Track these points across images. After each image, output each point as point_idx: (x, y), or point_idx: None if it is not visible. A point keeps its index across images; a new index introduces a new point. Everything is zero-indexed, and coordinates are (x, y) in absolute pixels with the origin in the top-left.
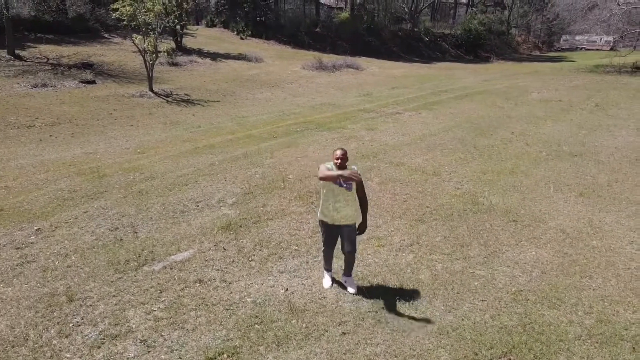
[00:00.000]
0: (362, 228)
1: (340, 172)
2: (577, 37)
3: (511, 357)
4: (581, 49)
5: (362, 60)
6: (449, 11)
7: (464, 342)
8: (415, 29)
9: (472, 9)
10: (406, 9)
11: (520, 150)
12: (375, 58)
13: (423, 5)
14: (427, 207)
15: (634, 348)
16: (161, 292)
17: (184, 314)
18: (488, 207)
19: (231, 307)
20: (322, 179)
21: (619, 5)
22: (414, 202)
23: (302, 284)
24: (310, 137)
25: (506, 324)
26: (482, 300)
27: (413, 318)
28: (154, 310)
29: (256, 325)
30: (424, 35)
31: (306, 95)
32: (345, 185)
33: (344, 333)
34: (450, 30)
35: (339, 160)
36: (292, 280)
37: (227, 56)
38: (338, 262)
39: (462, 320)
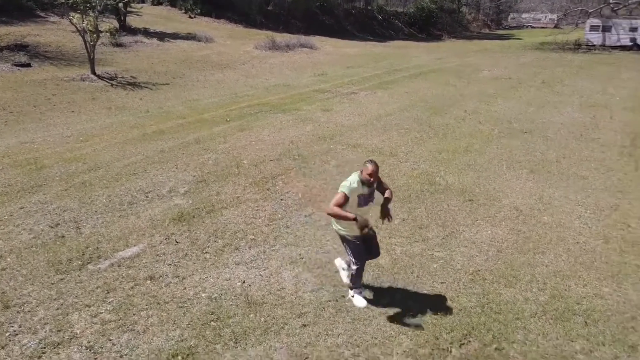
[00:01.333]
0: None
1: (357, 223)
2: (524, 15)
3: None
4: (527, 26)
5: (316, 40)
6: None
7: (425, 327)
8: (369, 7)
9: None
10: None
11: (474, 128)
12: (329, 37)
13: None
14: None
15: (586, 322)
16: (108, 292)
17: (134, 314)
18: (445, 187)
19: (185, 304)
20: (331, 215)
21: None
22: None
23: (260, 275)
24: (265, 120)
25: (465, 305)
26: (442, 283)
27: (374, 305)
28: (101, 313)
29: (212, 323)
30: (377, 14)
31: (260, 76)
32: (369, 204)
33: (304, 325)
34: (403, 8)
35: (372, 178)
36: (249, 272)
37: (175, 36)
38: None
39: (423, 304)
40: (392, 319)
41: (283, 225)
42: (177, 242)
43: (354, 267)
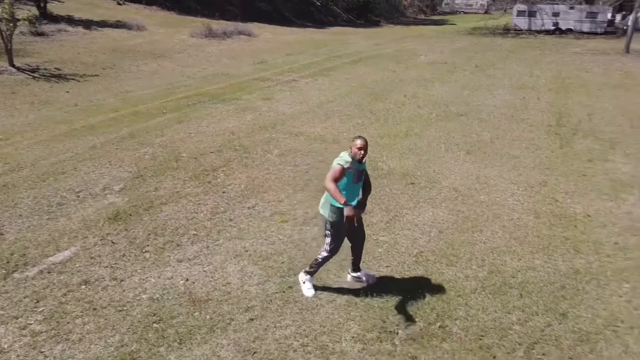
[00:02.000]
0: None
1: (347, 208)
2: (457, 1)
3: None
4: (460, 12)
5: (254, 26)
6: None
7: (372, 311)
8: None
9: None
10: None
11: (413, 112)
12: (267, 24)
13: None
14: None
15: (521, 294)
16: (38, 301)
17: (68, 323)
18: (387, 172)
19: (124, 308)
20: (328, 189)
21: None
22: (316, 172)
23: (204, 271)
24: (204, 111)
25: (410, 287)
26: (387, 267)
27: (322, 292)
28: (31, 324)
29: (154, 324)
30: (315, 0)
31: (196, 65)
32: (360, 182)
33: (251, 319)
34: None
35: (362, 151)
36: (192, 268)
37: (103, 24)
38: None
39: (370, 289)
40: (339, 305)
41: (226, 218)
42: (113, 242)
43: (323, 254)
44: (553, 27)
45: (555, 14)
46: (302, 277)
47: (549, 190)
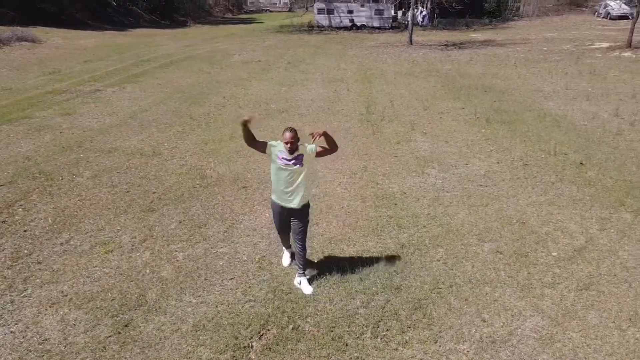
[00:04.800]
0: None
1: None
2: (261, 0)
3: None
4: (266, 10)
5: (38, 31)
6: None
7: (223, 330)
8: None
9: None
10: None
11: (235, 114)
12: (55, 27)
13: None
14: (154, 192)
15: (360, 278)
16: None
17: None
18: (217, 179)
19: None
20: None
21: None
22: (138, 190)
23: (11, 332)
24: None
25: (258, 294)
26: (231, 279)
27: (164, 325)
28: None
29: None
30: (111, 0)
31: None
32: (297, 166)
33: None
34: None
35: (289, 145)
36: None
37: None
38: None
39: (216, 307)
40: (185, 333)
41: (33, 261)
42: None
43: (304, 250)
44: (350, 24)
45: (350, 12)
46: (297, 280)
47: (370, 175)
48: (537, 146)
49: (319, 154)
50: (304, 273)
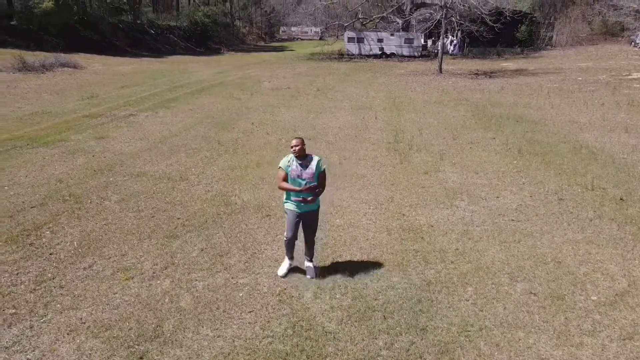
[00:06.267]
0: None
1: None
2: (293, 28)
3: None
4: (297, 38)
5: (80, 57)
6: (171, 2)
7: None
8: (138, 21)
9: (194, 1)
10: None
11: (263, 140)
12: (96, 54)
13: None
14: (179, 218)
15: (384, 317)
16: None
17: None
18: (241, 206)
19: None
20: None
21: (320, 0)
22: (163, 215)
23: (28, 359)
24: (21, 158)
25: (276, 330)
26: (250, 312)
27: (178, 357)
28: None
29: None
30: (148, 28)
31: (9, 104)
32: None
33: None
34: (176, 22)
35: (294, 148)
36: (12, 358)
37: None
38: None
39: (233, 341)
40: None
41: (55, 286)
42: None
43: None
44: (379, 52)
45: (380, 40)
46: (307, 263)
47: (396, 206)
48: (572, 180)
49: (319, 179)
50: (311, 260)
